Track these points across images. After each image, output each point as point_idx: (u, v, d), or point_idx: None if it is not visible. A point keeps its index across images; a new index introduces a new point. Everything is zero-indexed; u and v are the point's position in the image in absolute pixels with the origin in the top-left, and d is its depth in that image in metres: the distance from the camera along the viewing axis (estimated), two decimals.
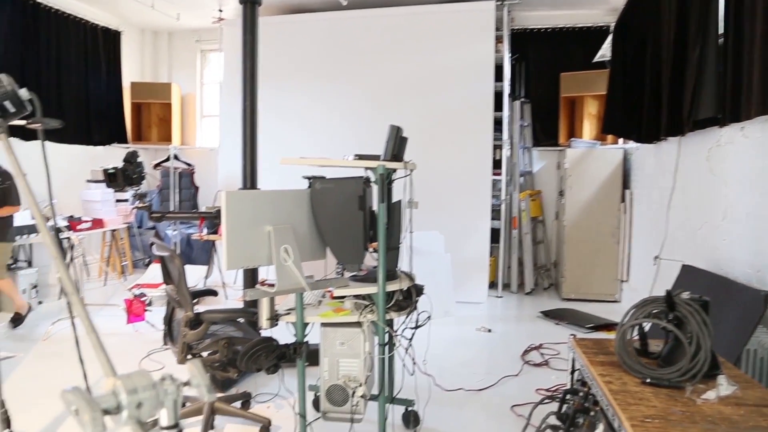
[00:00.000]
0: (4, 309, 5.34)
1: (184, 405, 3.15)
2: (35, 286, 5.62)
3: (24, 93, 1.27)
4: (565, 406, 2.38)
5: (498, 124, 6.50)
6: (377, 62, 6.51)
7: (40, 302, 5.43)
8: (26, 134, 5.29)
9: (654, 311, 2.16)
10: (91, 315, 3.49)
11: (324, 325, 2.75)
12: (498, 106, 6.42)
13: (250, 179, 4.03)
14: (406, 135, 2.91)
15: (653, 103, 4.54)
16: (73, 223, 5.86)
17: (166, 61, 8.82)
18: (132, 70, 8.32)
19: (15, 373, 4.06)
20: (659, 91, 4.39)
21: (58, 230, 5.15)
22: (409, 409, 3.30)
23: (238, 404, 3.43)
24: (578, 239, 6.36)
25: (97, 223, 6.41)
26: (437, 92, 6.33)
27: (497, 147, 6.60)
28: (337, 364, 2.76)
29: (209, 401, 3.13)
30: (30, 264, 5.89)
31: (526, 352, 4.55)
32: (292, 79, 6.71)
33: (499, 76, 6.40)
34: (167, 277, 3.02)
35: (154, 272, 6.11)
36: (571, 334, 2.77)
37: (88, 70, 7.33)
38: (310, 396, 3.34)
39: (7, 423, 1.53)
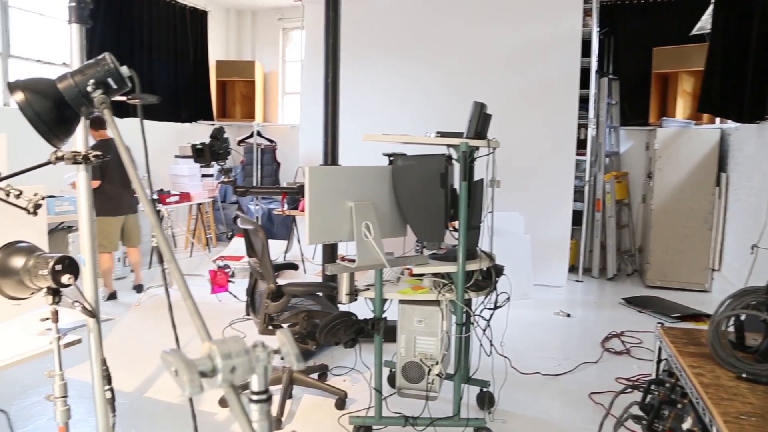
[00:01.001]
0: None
1: None
2: (127, 256, 5.95)
3: (125, 70, 1.32)
4: (649, 397, 2.28)
5: (584, 102, 6.24)
6: (459, 38, 6.39)
7: (132, 270, 5.76)
8: (121, 111, 5.56)
9: (753, 302, 2.02)
10: (177, 285, 3.65)
11: (402, 302, 2.75)
12: (584, 83, 6.16)
13: (331, 156, 4.07)
14: (489, 112, 2.84)
15: (758, 79, 4.22)
16: (163, 196, 6.15)
17: (249, 39, 9.03)
18: (217, 49, 8.57)
19: (111, 335, 4.35)
20: (765, 66, 4.07)
21: (153, 202, 5.42)
22: (485, 390, 3.27)
23: (315, 376, 3.51)
24: (666, 224, 6.06)
25: (185, 197, 6.71)
26: (521, 68, 6.14)
27: (582, 126, 6.36)
28: (414, 341, 2.77)
29: (297, 370, 3.24)
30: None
31: (606, 339, 4.41)
32: (372, 56, 6.69)
33: (586, 51, 6.13)
34: (251, 250, 3.11)
35: (237, 245, 6.33)
36: (659, 323, 2.65)
37: (176, 49, 7.62)
38: (385, 372, 3.38)
39: (108, 380, 1.63)
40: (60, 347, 1.63)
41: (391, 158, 2.73)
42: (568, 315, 5.08)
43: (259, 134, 7.88)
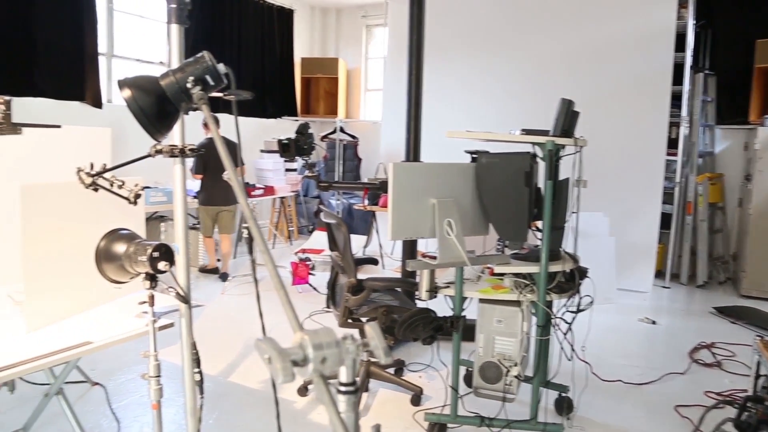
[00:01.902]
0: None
1: None
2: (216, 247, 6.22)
3: (221, 68, 1.37)
4: (745, 415, 2.15)
5: (676, 99, 5.93)
6: (545, 32, 6.22)
7: (218, 260, 6.02)
8: (212, 107, 5.81)
9: None
10: (259, 275, 3.77)
11: (482, 301, 2.72)
12: (677, 79, 5.85)
13: (413, 152, 4.08)
14: (576, 109, 2.76)
15: None
16: (248, 189, 6.37)
17: (333, 36, 9.18)
18: (302, 46, 8.77)
19: (198, 320, 4.55)
20: None
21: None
22: (563, 395, 3.19)
23: (391, 371, 3.54)
24: (765, 230, 5.66)
25: (269, 191, 6.92)
26: (610, 63, 5.91)
27: (674, 124, 6.04)
28: (492, 341, 2.73)
29: (385, 364, 3.28)
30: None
31: (695, 349, 4.18)
32: (455, 51, 6.64)
33: (680, 45, 5.81)
34: (333, 244, 3.17)
35: (318, 238, 6.47)
36: (757, 336, 2.48)
37: (263, 47, 7.86)
38: (461, 371, 3.35)
39: (198, 363, 1.71)
40: (155, 330, 1.72)
41: (474, 155, 2.70)
42: (654, 322, 4.86)
43: (341, 130, 8.02)
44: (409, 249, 4.16)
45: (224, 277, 5.80)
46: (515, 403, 2.92)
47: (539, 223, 2.68)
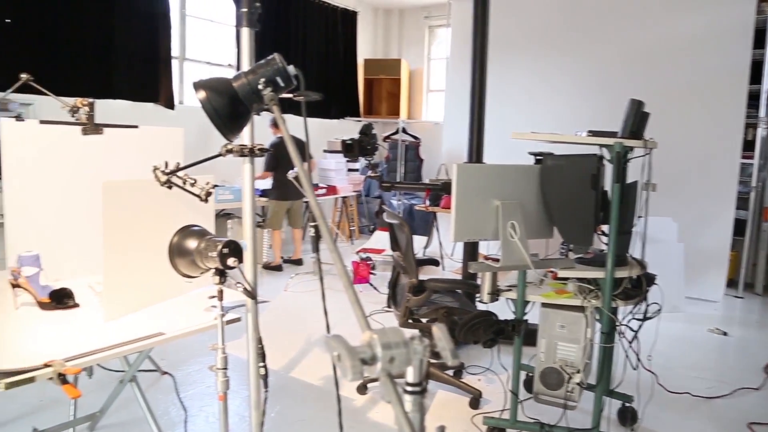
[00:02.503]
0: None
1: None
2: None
3: (291, 69, 1.41)
4: None
5: (753, 98, 5.64)
6: (612, 30, 6.04)
7: (282, 257, 6.17)
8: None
9: None
10: (323, 273, 3.81)
11: (545, 305, 2.68)
12: (755, 77, 5.56)
13: (476, 153, 4.05)
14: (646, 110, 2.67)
15: None
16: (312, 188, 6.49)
17: (396, 38, 9.22)
18: (365, 47, 8.85)
19: (263, 316, 4.67)
20: None
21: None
22: (627, 405, 3.09)
23: (450, 372, 3.53)
24: None
25: (331, 190, 7.02)
26: (681, 61, 5.68)
27: (750, 125, 5.74)
28: (554, 346, 2.68)
29: (452, 365, 3.28)
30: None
31: None
32: (518, 51, 6.54)
33: (759, 41, 5.51)
34: (394, 244, 3.19)
35: (379, 238, 6.51)
36: None
37: (328, 49, 7.98)
38: (522, 376, 3.31)
39: (263, 357, 1.75)
40: (223, 323, 1.78)
41: (539, 157, 2.66)
42: (725, 333, 4.64)
43: (404, 131, 8.04)
44: (471, 251, 4.13)
45: (298, 261, 6.23)
46: (577, 411, 2.86)
47: (605, 227, 2.61)
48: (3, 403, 2.98)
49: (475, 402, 3.22)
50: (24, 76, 2.61)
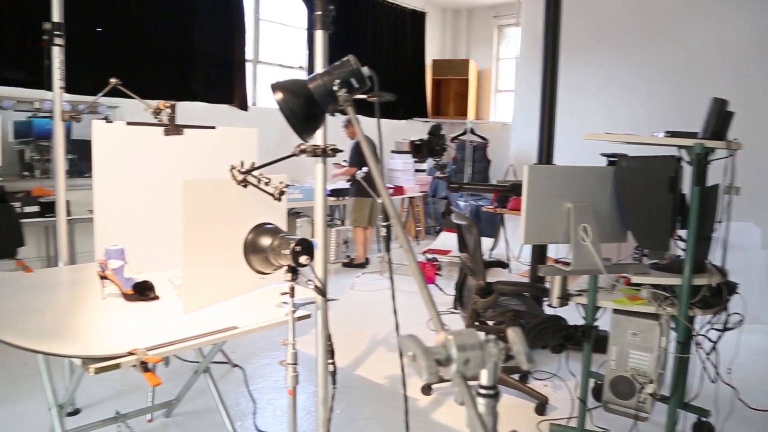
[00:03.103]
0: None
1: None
2: (345, 242, 6.45)
3: (365, 70, 1.43)
4: None
5: None
6: (691, 26, 5.78)
7: (348, 256, 6.25)
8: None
9: None
10: (387, 273, 3.80)
11: (617, 311, 2.60)
12: None
13: (546, 154, 3.97)
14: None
15: None
16: None
17: (464, 38, 9.16)
18: (433, 48, 8.83)
19: (330, 313, 4.74)
20: None
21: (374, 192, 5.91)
22: (704, 419, 2.96)
23: (516, 377, 3.48)
24: None
25: (398, 190, 7.05)
26: (764, 58, 5.37)
27: None
28: (626, 354, 2.60)
29: (528, 370, 3.24)
30: (343, 222, 6.79)
31: None
32: (590, 49, 6.35)
33: None
34: (462, 245, 3.17)
35: (445, 239, 6.49)
36: None
37: (396, 50, 8.02)
38: (590, 383, 3.22)
39: (332, 354, 1.79)
40: (294, 319, 1.83)
41: (612, 158, 2.58)
42: None
43: (472, 132, 7.98)
44: (539, 254, 4.05)
45: (367, 262, 6.29)
46: (648, 423, 2.76)
47: (682, 232, 2.51)
48: (89, 386, 3.15)
49: (541, 408, 3.16)
50: (113, 80, 2.76)
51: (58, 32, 2.82)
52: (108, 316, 2.13)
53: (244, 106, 6.23)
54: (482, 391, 0.83)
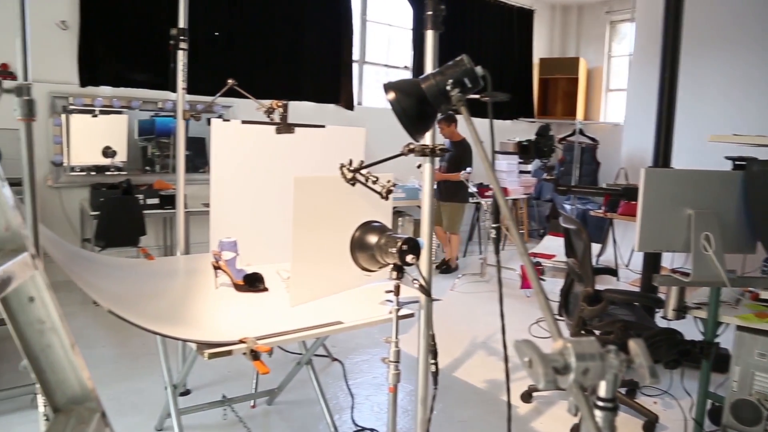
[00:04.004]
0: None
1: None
2: (439, 245, 6.42)
3: (479, 70, 1.40)
4: None
5: None
6: None
7: (443, 261, 6.22)
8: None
9: None
10: (488, 276, 3.76)
11: (741, 329, 2.40)
12: None
13: (662, 157, 3.74)
14: None
15: None
16: (482, 189, 6.43)
17: (574, 35, 8.85)
18: (541, 46, 8.59)
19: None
20: None
21: (471, 194, 5.80)
22: None
23: (623, 391, 3.30)
24: None
25: (503, 192, 6.92)
26: None
27: None
28: (751, 376, 2.39)
29: (651, 384, 3.10)
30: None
31: None
32: (714, 44, 5.90)
33: None
34: (569, 250, 3.06)
35: (549, 243, 6.30)
36: None
37: (502, 49, 7.88)
38: (707, 404, 3.00)
39: (434, 354, 1.78)
40: (397, 318, 1.83)
41: (739, 162, 2.39)
42: None
43: (580, 132, 7.68)
44: (653, 262, 3.82)
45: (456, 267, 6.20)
46: None
47: None
48: (198, 369, 3.33)
49: (650, 426, 2.98)
50: (230, 81, 2.90)
51: (183, 37, 3.00)
52: (220, 305, 2.24)
53: (350, 106, 6.37)
54: (600, 404, 0.79)
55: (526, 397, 3.28)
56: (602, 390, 0.78)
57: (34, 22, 1.71)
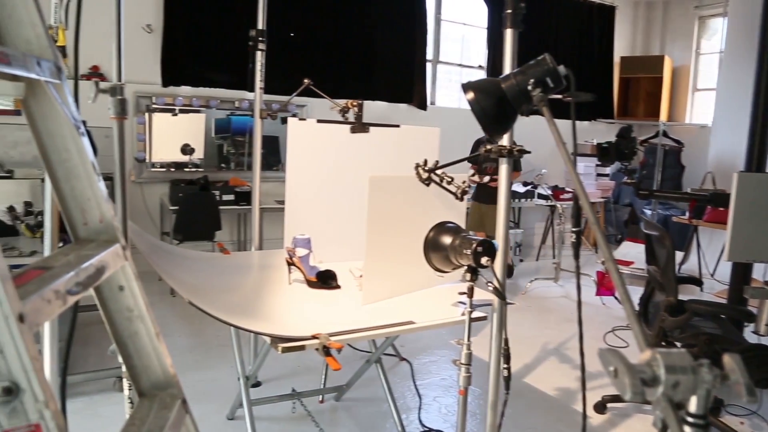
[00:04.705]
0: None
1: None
2: (519, 245, 6.29)
3: (561, 69, 1.37)
4: None
5: None
6: None
7: (521, 260, 6.09)
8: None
9: None
10: (562, 281, 3.66)
11: None
12: None
13: (756, 161, 3.51)
14: None
15: None
16: (557, 192, 6.29)
17: (658, 32, 8.47)
18: (623, 44, 8.28)
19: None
20: None
21: (545, 197, 5.65)
22: None
23: None
24: None
25: None
26: None
27: None
28: None
29: (749, 402, 2.95)
30: (517, 225, 6.65)
31: None
32: None
33: None
34: (651, 257, 2.93)
35: (627, 249, 6.06)
36: None
37: (581, 48, 7.64)
38: None
39: (507, 359, 1.75)
40: (470, 320, 1.81)
41: None
42: None
43: (664, 134, 7.35)
44: (743, 273, 3.60)
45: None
46: None
47: None
48: (269, 363, 3.41)
49: None
50: (306, 81, 2.96)
51: (261, 38, 3.08)
52: (293, 300, 2.29)
53: (423, 106, 6.36)
54: (690, 420, 0.74)
55: (601, 407, 3.17)
56: (693, 406, 0.73)
57: (124, 26, 1.80)
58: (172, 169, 5.41)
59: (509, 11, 1.86)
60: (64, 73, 1.02)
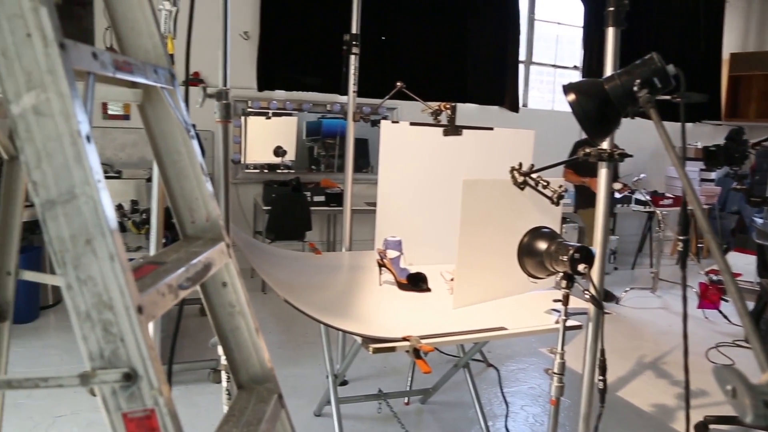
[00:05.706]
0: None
1: None
2: (614, 252, 6.03)
3: (671, 69, 1.30)
4: None
5: None
6: None
7: (615, 268, 5.83)
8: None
9: None
10: (659, 291, 3.45)
11: None
12: None
13: None
14: None
15: None
16: (656, 198, 5.98)
17: None
18: (733, 40, 7.76)
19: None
20: None
21: (644, 203, 5.39)
22: None
23: None
24: None
25: (679, 201, 6.37)
26: None
27: None
28: None
29: None
30: (613, 232, 6.39)
31: None
32: None
33: None
34: (763, 270, 2.73)
35: (734, 261, 5.67)
36: None
37: (685, 44, 7.22)
38: None
39: (603, 370, 1.68)
40: (564, 328, 1.75)
41: None
42: None
43: None
44: None
45: None
46: None
47: None
48: (356, 362, 3.47)
49: None
50: (399, 84, 2.98)
51: (355, 42, 3.13)
52: (383, 302, 2.30)
53: (515, 108, 6.24)
54: None
55: (702, 428, 2.98)
56: None
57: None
58: (266, 171, 5.60)
59: (611, 9, 1.79)
60: (176, 79, 1.08)
